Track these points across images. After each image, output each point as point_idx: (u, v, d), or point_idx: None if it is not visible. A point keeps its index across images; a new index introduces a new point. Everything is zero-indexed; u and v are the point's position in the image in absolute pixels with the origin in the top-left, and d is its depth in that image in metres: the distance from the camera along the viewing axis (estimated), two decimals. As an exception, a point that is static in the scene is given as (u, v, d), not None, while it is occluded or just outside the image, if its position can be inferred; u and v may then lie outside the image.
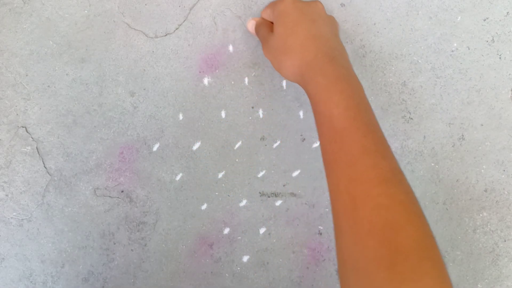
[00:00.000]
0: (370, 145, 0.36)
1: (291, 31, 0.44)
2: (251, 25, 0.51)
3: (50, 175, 0.52)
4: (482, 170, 0.55)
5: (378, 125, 0.40)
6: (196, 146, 0.53)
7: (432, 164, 0.55)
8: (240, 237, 0.54)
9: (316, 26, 0.45)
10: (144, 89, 0.53)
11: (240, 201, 0.54)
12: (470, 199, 0.55)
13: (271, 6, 0.49)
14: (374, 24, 0.54)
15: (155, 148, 0.53)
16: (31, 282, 0.52)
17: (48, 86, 0.52)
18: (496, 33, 0.54)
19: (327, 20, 0.47)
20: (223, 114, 0.53)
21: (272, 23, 0.48)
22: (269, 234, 0.54)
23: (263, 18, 0.51)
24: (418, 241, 0.33)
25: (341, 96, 0.38)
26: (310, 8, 0.46)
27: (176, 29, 0.53)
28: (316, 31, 0.44)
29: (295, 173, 0.54)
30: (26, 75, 0.52)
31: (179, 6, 0.53)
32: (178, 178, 0.53)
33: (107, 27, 0.52)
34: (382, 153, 0.37)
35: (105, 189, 0.53)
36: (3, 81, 0.52)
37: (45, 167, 0.52)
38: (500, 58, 0.54)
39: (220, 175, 0.54)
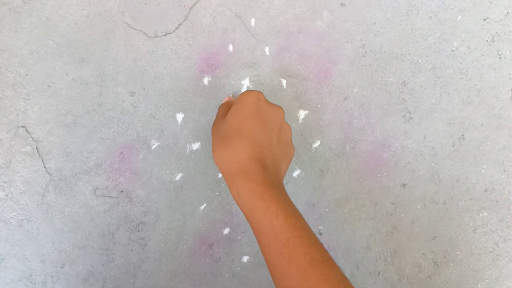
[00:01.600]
0: (317, 256, 0.37)
1: (238, 124, 0.42)
2: (224, 100, 0.51)
3: (50, 175, 0.52)
4: (482, 170, 0.55)
5: (310, 228, 0.40)
6: (196, 146, 0.53)
7: (432, 164, 0.55)
8: (240, 237, 0.54)
9: (263, 129, 0.42)
10: (144, 89, 0.53)
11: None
12: (470, 199, 0.55)
13: (241, 93, 0.47)
14: (374, 23, 0.54)
15: (154, 148, 0.53)
16: (31, 282, 0.52)
17: (48, 86, 0.52)
18: (496, 32, 0.54)
19: (278, 128, 0.44)
20: (223, 114, 0.53)
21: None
22: (269, 234, 0.54)
23: (233, 100, 0.49)
24: None
25: (279, 205, 0.38)
26: (269, 110, 0.44)
27: (176, 28, 0.53)
28: (261, 134, 0.42)
29: (295, 173, 0.54)
30: (26, 75, 0.52)
31: (179, 6, 0.53)
32: (178, 178, 0.53)
33: (107, 27, 0.52)
34: (328, 262, 0.37)
35: (105, 189, 0.53)
36: (3, 81, 0.52)
37: (45, 167, 0.52)
38: (500, 58, 0.54)
39: (220, 175, 0.54)
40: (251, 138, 0.42)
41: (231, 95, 0.52)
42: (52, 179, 0.52)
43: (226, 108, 0.47)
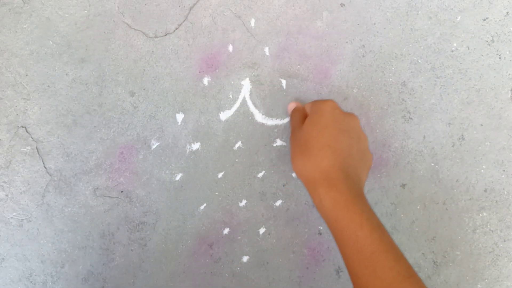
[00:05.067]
0: (403, 271, 0.36)
1: (317, 133, 0.42)
2: (290, 107, 0.51)
3: (50, 175, 0.52)
4: (482, 170, 0.55)
5: (394, 242, 0.39)
6: (196, 146, 0.53)
7: (432, 164, 0.55)
8: (240, 237, 0.54)
9: (343, 137, 0.42)
10: (144, 89, 0.53)
11: (240, 201, 0.54)
12: (470, 199, 0.55)
13: (313, 102, 0.48)
14: (374, 24, 0.54)
15: (154, 148, 0.53)
16: (31, 282, 0.52)
17: (48, 86, 0.52)
18: (496, 33, 0.54)
19: (357, 136, 0.44)
20: (222, 114, 0.53)
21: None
22: (269, 234, 0.54)
23: (303, 107, 0.50)
24: None
25: (363, 217, 0.37)
26: (346, 119, 0.44)
27: (176, 29, 0.53)
28: (340, 143, 0.42)
29: (295, 173, 0.54)
30: (26, 75, 0.52)
31: (179, 6, 0.53)
32: (177, 178, 0.53)
33: (107, 27, 0.52)
34: (414, 278, 0.36)
35: (105, 189, 0.53)
36: (3, 81, 0.52)
37: (45, 167, 0.52)
38: (499, 58, 0.54)
39: (220, 175, 0.54)
40: (332, 146, 0.41)
41: (295, 101, 0.52)
42: (52, 179, 0.52)
43: (299, 117, 0.47)
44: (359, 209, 0.38)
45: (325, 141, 0.42)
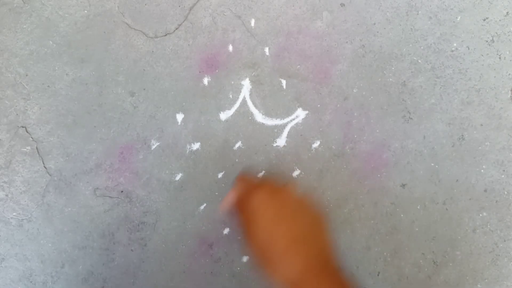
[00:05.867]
0: None
1: (270, 236, 0.36)
2: (223, 206, 0.43)
3: (50, 175, 0.52)
4: (482, 170, 0.55)
5: None
6: (196, 146, 0.53)
7: (432, 164, 0.55)
8: (240, 237, 0.54)
9: (297, 222, 0.37)
10: (144, 89, 0.53)
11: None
12: (470, 199, 0.55)
13: (243, 190, 0.41)
14: (374, 24, 0.54)
15: (154, 148, 0.53)
16: (31, 282, 0.52)
17: (48, 86, 0.52)
18: (496, 33, 0.54)
19: (306, 210, 0.39)
20: (222, 114, 0.53)
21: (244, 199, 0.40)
22: (269, 234, 0.54)
23: (237, 198, 0.42)
24: None
25: None
26: (285, 196, 0.38)
27: (176, 29, 0.53)
28: (298, 231, 0.37)
29: (295, 173, 0.54)
30: (26, 75, 0.52)
31: (179, 6, 0.53)
32: (177, 178, 0.53)
33: (107, 27, 0.52)
34: None
35: (105, 189, 0.53)
36: (3, 81, 0.52)
37: (45, 167, 0.52)
38: (499, 58, 0.54)
39: (220, 175, 0.54)
40: (294, 241, 0.36)
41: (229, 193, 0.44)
42: (52, 179, 0.52)
43: (242, 215, 0.40)
44: None
45: (284, 242, 0.36)
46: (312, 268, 0.35)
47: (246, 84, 0.54)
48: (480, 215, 0.55)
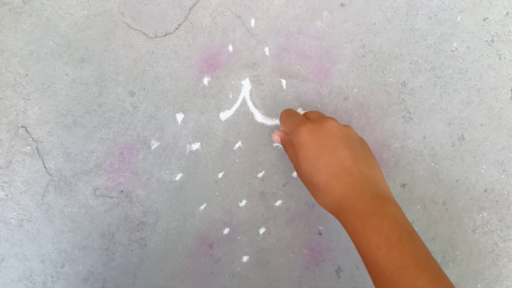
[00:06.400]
0: (427, 284, 0.34)
1: (313, 168, 0.41)
2: (276, 139, 0.49)
3: (50, 175, 0.52)
4: (482, 170, 0.55)
5: (427, 251, 0.37)
6: (195, 146, 0.53)
7: (432, 164, 0.55)
8: (240, 237, 0.54)
9: (337, 156, 0.41)
10: (144, 89, 0.53)
11: (240, 201, 0.54)
12: (470, 199, 0.55)
13: (288, 128, 0.46)
14: (374, 24, 0.54)
15: (154, 148, 0.53)
16: (31, 282, 0.52)
17: (48, 86, 0.52)
18: (496, 33, 0.54)
19: (361, 145, 0.44)
20: (222, 114, 0.53)
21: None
22: (269, 234, 0.54)
23: (286, 134, 0.48)
24: None
25: (380, 236, 0.36)
26: (327, 133, 0.42)
27: (176, 29, 0.53)
28: (337, 164, 0.41)
29: (295, 173, 0.54)
30: (26, 75, 0.52)
31: (179, 6, 0.53)
32: (177, 178, 0.53)
33: (107, 27, 0.52)
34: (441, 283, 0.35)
35: (105, 189, 0.53)
36: (3, 81, 0.52)
37: (45, 167, 0.52)
38: (499, 58, 0.54)
39: (220, 175, 0.54)
40: (334, 173, 0.41)
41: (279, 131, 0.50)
42: (52, 179, 0.52)
43: (290, 150, 0.46)
44: (376, 229, 0.37)
45: (325, 174, 0.41)
46: (347, 198, 0.39)
47: (246, 84, 0.54)
48: (480, 215, 0.55)
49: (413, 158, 0.55)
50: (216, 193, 0.54)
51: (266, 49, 0.54)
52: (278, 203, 0.54)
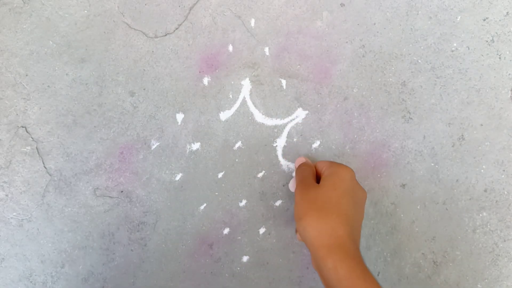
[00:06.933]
0: None
1: (337, 198, 0.43)
2: (299, 161, 0.51)
3: (50, 175, 0.52)
4: (482, 170, 0.55)
5: None
6: (196, 146, 0.53)
7: (432, 164, 0.55)
8: (240, 237, 0.54)
9: (357, 209, 0.44)
10: (144, 89, 0.53)
11: (240, 201, 0.54)
12: (470, 199, 0.55)
13: (330, 164, 0.48)
14: (374, 24, 0.54)
15: (154, 148, 0.53)
16: (31, 282, 0.52)
17: (48, 86, 0.52)
18: (496, 33, 0.54)
19: (363, 211, 0.47)
20: (222, 114, 0.53)
21: (316, 175, 0.48)
22: (269, 234, 0.54)
23: (312, 164, 0.50)
24: None
25: (376, 286, 0.39)
26: (360, 191, 0.46)
27: (176, 29, 0.53)
28: (355, 213, 0.44)
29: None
30: (26, 75, 0.52)
31: (179, 6, 0.53)
32: (177, 178, 0.53)
33: (107, 27, 0.52)
34: None
35: (105, 189, 0.53)
36: (3, 81, 0.52)
37: (45, 167, 0.52)
38: (499, 58, 0.54)
39: (220, 175, 0.54)
40: (349, 216, 0.42)
41: (304, 156, 0.52)
42: (52, 179, 0.52)
43: (310, 172, 0.48)
44: (373, 281, 0.39)
45: (343, 209, 0.43)
46: (351, 241, 0.41)
47: (246, 84, 0.54)
48: (480, 215, 0.55)
49: (413, 158, 0.55)
50: (216, 193, 0.54)
51: (266, 49, 0.54)
52: (278, 203, 0.54)
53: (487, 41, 0.54)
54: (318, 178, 0.48)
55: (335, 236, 0.41)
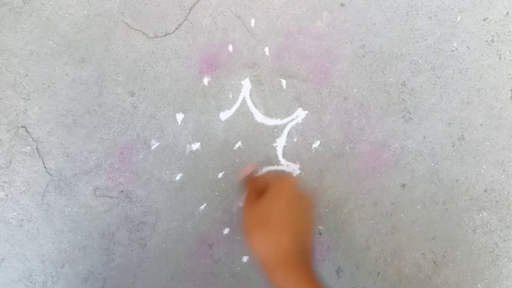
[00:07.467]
0: None
1: (280, 210, 0.42)
2: (244, 172, 0.50)
3: (50, 175, 0.52)
4: (482, 170, 0.55)
5: None
6: (196, 146, 0.53)
7: (432, 164, 0.55)
8: (240, 237, 0.54)
9: (303, 219, 0.44)
10: (144, 89, 0.53)
11: (240, 201, 0.54)
12: (470, 199, 0.55)
13: (271, 176, 0.47)
14: (374, 24, 0.54)
15: (154, 148, 0.53)
16: (31, 282, 0.52)
17: (48, 86, 0.52)
18: (496, 33, 0.54)
19: (311, 219, 0.46)
20: (222, 114, 0.53)
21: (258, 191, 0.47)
22: (269, 234, 0.54)
23: (257, 177, 0.49)
24: None
25: None
26: (302, 200, 0.45)
27: (176, 29, 0.53)
28: (302, 225, 0.43)
29: (295, 173, 0.54)
30: (26, 75, 0.52)
31: (179, 6, 0.53)
32: (177, 178, 0.53)
33: (107, 27, 0.52)
34: None
35: (105, 189, 0.53)
36: (3, 81, 0.52)
37: (45, 167, 0.52)
38: (499, 58, 0.54)
39: (220, 175, 0.54)
40: (295, 227, 0.42)
41: (251, 165, 0.52)
42: (52, 179, 0.52)
43: (252, 188, 0.47)
44: None
45: (288, 221, 0.42)
46: (300, 254, 0.41)
47: (246, 84, 0.54)
48: (480, 215, 0.55)
49: (413, 158, 0.54)
50: (216, 193, 0.54)
51: (266, 49, 0.54)
52: (278, 203, 0.54)
53: (487, 41, 0.54)
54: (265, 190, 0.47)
55: (282, 249, 0.41)
